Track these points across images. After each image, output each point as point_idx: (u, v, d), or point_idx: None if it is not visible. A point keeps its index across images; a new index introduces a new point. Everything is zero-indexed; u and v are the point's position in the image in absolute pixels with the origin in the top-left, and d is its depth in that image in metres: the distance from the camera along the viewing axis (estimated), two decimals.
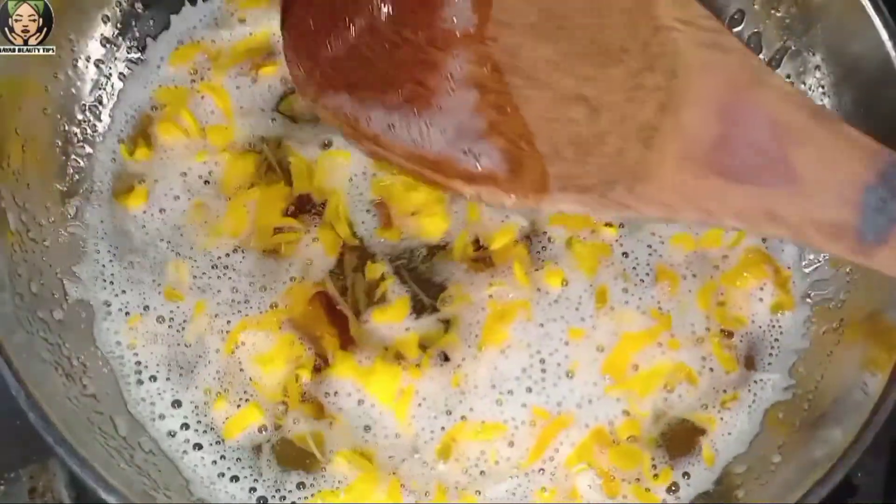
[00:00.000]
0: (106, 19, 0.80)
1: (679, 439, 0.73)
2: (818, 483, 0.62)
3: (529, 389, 0.73)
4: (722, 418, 0.73)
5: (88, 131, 0.79)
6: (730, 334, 0.75)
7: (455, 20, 0.66)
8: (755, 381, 0.75)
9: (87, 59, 0.78)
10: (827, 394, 0.71)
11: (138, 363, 0.73)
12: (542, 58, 0.64)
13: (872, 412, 0.63)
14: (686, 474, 0.72)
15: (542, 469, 0.71)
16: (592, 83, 0.63)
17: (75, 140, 0.78)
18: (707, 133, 0.60)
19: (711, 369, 0.74)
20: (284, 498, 0.70)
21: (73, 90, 0.78)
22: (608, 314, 0.75)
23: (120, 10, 0.80)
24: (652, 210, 0.61)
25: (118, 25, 0.80)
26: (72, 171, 0.77)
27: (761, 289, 0.77)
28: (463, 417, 0.72)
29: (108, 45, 0.80)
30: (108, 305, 0.75)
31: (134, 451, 0.68)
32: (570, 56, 0.64)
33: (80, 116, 0.78)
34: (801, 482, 0.63)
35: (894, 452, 0.77)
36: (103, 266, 0.76)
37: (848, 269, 0.74)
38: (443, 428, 0.72)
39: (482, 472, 0.71)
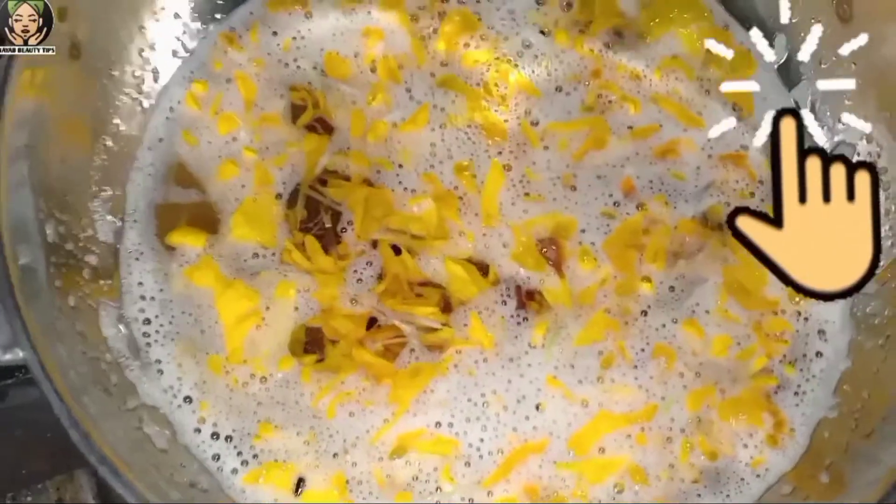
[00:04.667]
0: (141, 29, 0.79)
1: None
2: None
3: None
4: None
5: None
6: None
7: None
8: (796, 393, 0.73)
9: (123, 70, 0.78)
10: (875, 412, 0.70)
11: (179, 378, 0.73)
12: None
13: None
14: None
15: None
16: None
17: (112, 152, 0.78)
18: None
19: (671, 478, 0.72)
20: None
21: (111, 105, 0.77)
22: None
23: (155, 21, 0.80)
24: None
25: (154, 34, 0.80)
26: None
27: (751, 435, 0.72)
28: None
29: (143, 55, 0.79)
30: (148, 324, 0.74)
31: (174, 470, 0.68)
32: None
33: (118, 129, 0.78)
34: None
35: None
36: (140, 283, 0.75)
37: (894, 285, 0.73)
38: None
39: None
